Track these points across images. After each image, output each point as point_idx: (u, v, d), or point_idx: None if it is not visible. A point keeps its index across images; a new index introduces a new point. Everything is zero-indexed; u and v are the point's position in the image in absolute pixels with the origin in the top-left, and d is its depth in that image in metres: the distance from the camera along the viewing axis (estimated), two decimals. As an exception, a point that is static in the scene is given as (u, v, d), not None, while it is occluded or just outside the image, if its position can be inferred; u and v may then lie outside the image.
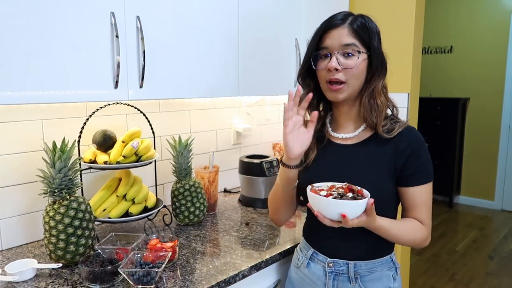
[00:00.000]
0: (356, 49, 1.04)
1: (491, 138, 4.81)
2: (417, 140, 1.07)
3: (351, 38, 1.03)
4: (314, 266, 1.15)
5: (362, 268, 1.10)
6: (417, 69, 2.11)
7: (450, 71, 5.05)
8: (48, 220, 1.18)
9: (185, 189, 1.54)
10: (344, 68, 1.04)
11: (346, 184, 0.98)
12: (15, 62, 1.03)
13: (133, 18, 1.25)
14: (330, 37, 1.05)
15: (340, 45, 1.03)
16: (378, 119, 1.07)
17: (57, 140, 1.20)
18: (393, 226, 1.03)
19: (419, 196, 1.06)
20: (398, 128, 1.06)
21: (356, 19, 1.05)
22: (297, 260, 1.23)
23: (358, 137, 1.12)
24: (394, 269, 1.15)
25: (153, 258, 1.15)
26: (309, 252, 1.18)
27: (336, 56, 1.04)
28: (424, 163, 1.06)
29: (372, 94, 1.07)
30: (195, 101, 1.90)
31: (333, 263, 1.11)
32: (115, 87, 1.23)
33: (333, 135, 1.16)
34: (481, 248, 3.74)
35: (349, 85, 1.06)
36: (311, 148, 1.15)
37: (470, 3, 4.80)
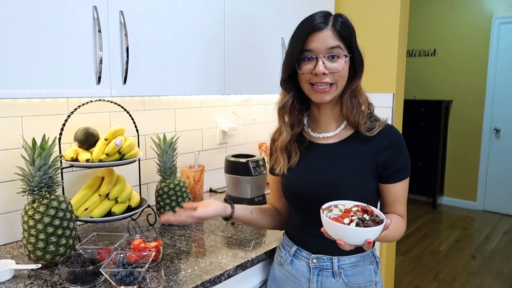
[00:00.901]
0: (341, 51, 1.03)
1: (473, 140, 4.90)
2: (397, 138, 1.09)
3: (336, 41, 1.03)
4: (297, 263, 1.15)
5: (345, 262, 1.10)
6: (402, 70, 2.13)
7: (434, 74, 5.13)
8: (27, 219, 1.14)
9: (170, 188, 1.51)
10: (331, 72, 1.03)
11: (359, 205, 0.95)
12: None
13: (117, 13, 1.23)
14: (315, 40, 1.03)
15: (326, 48, 1.03)
16: (360, 117, 1.08)
17: (37, 138, 1.17)
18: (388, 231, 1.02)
19: (400, 191, 1.09)
20: (378, 126, 1.08)
21: (337, 19, 1.05)
22: (279, 258, 1.22)
23: (338, 136, 1.12)
24: (375, 263, 1.16)
25: (136, 258, 1.12)
26: (292, 249, 1.17)
27: (322, 60, 1.03)
28: (405, 160, 1.09)
29: (353, 93, 1.08)
30: (181, 99, 1.87)
31: (317, 259, 1.11)
32: (97, 83, 1.20)
33: (313, 135, 1.16)
34: (464, 248, 3.79)
35: (337, 87, 1.06)
36: (293, 150, 1.15)
37: (453, 8, 4.88)
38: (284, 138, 1.15)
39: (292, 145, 1.15)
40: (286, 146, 1.15)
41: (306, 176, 1.11)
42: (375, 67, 2.10)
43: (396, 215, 1.10)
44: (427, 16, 5.08)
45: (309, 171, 1.12)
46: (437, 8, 5.01)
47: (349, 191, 1.03)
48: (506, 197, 4.69)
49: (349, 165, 1.08)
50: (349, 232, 0.87)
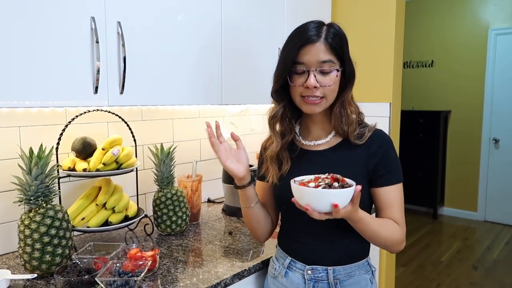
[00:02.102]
0: (333, 66, 1.04)
1: (473, 150, 4.90)
2: (387, 142, 1.10)
3: (328, 55, 1.03)
4: (292, 275, 1.13)
5: (341, 273, 1.09)
6: (398, 79, 2.14)
7: (432, 85, 5.16)
8: (23, 228, 1.14)
9: (167, 198, 1.51)
10: (323, 86, 1.04)
11: (331, 174, 0.96)
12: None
13: (114, 24, 1.25)
14: (307, 53, 1.03)
15: (318, 62, 1.03)
16: (349, 128, 1.08)
17: (35, 148, 1.17)
18: (374, 221, 1.02)
19: (392, 195, 1.07)
20: (368, 132, 1.08)
21: (329, 31, 1.04)
22: (273, 271, 1.20)
23: (329, 143, 1.13)
24: (371, 272, 1.15)
25: (133, 267, 1.12)
26: (286, 260, 1.16)
27: (314, 73, 1.03)
28: (395, 163, 1.09)
29: (343, 105, 1.09)
30: (179, 109, 1.88)
31: (312, 270, 1.10)
32: (94, 92, 1.21)
33: (305, 143, 1.16)
34: (465, 259, 3.76)
35: (328, 100, 1.07)
36: (284, 159, 1.15)
37: (450, 19, 4.94)
38: (274, 148, 1.15)
39: (283, 153, 1.15)
40: (277, 155, 1.16)
41: None
42: (371, 77, 2.12)
43: (389, 219, 1.07)
44: (424, 28, 5.13)
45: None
46: (434, 20, 5.06)
47: None
48: (507, 207, 4.67)
49: (341, 171, 1.06)
50: (315, 195, 0.87)
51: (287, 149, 1.16)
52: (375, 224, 1.03)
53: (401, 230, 1.08)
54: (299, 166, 1.14)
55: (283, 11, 1.88)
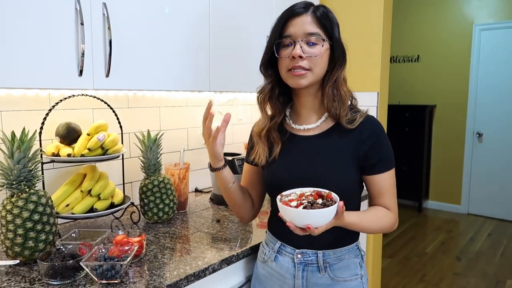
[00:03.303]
0: (320, 37, 1.03)
1: (457, 144, 4.97)
2: (378, 128, 1.09)
3: (315, 27, 1.03)
4: (282, 259, 1.13)
5: (330, 256, 1.09)
6: (386, 69, 2.16)
7: (418, 79, 5.22)
8: (4, 214, 1.11)
9: (154, 185, 1.49)
10: (308, 56, 1.03)
11: (315, 191, 0.97)
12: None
13: (100, 5, 1.22)
14: (294, 25, 1.04)
15: (304, 33, 1.03)
16: (341, 110, 1.07)
17: (17, 132, 1.14)
18: (363, 220, 1.04)
19: (385, 183, 1.08)
20: (359, 118, 1.07)
21: (318, 8, 1.05)
22: (263, 255, 1.20)
23: (319, 128, 1.12)
24: (360, 256, 1.15)
25: (119, 252, 1.10)
26: (276, 245, 1.15)
27: (300, 44, 1.03)
28: (387, 151, 1.08)
29: (335, 85, 1.07)
30: (165, 97, 1.86)
31: (301, 254, 1.10)
32: (79, 75, 1.18)
33: (294, 127, 1.15)
34: (449, 250, 3.82)
35: (313, 73, 1.05)
36: (275, 141, 1.14)
37: (436, 15, 4.99)
38: (261, 124, 1.15)
39: (273, 134, 1.14)
40: (266, 134, 1.15)
41: (288, 169, 1.10)
42: (359, 66, 2.12)
43: (380, 206, 1.09)
44: (410, 23, 5.18)
45: (291, 164, 1.11)
46: (420, 15, 5.11)
47: (331, 183, 1.02)
48: (490, 200, 4.76)
49: (331, 157, 1.07)
50: (293, 214, 0.89)
51: (277, 131, 1.15)
52: (366, 222, 1.04)
53: (393, 215, 1.09)
54: (289, 150, 1.13)
55: (271, 3, 1.87)
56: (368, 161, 1.06)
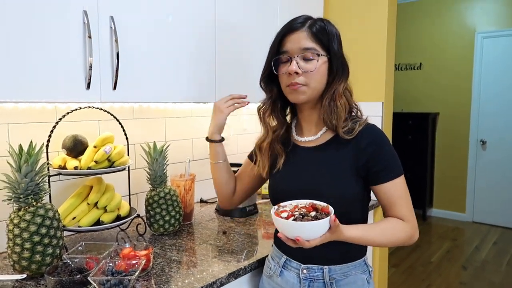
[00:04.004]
0: (316, 52, 1.03)
1: (460, 152, 4.96)
2: (378, 136, 1.06)
3: (311, 42, 1.03)
4: (287, 274, 1.12)
5: (337, 272, 1.07)
6: (391, 79, 2.15)
7: (420, 87, 5.22)
8: (12, 228, 1.10)
9: (160, 197, 1.49)
10: (305, 72, 1.03)
11: (310, 202, 0.97)
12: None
13: (107, 19, 1.22)
14: (290, 41, 1.05)
15: (300, 49, 1.03)
16: (338, 121, 1.06)
17: (24, 145, 1.14)
18: (368, 233, 1.01)
19: (393, 191, 1.03)
20: (358, 127, 1.05)
21: (315, 22, 1.05)
22: (269, 270, 1.19)
23: (319, 140, 1.12)
24: (368, 272, 1.13)
25: (126, 266, 1.09)
26: (281, 259, 1.14)
27: (296, 60, 1.03)
28: (390, 158, 1.05)
29: (332, 97, 1.06)
30: (171, 108, 1.86)
31: (307, 269, 1.08)
32: (87, 88, 1.19)
33: (297, 139, 1.16)
34: (455, 259, 3.79)
35: (310, 88, 1.05)
36: (278, 153, 1.15)
37: (438, 22, 5.01)
38: (262, 136, 1.18)
39: (277, 146, 1.15)
40: (268, 147, 1.16)
41: (289, 180, 1.10)
42: (364, 76, 2.12)
43: (392, 218, 1.05)
44: (413, 31, 5.20)
45: (292, 175, 1.11)
46: (422, 23, 5.13)
47: (331, 194, 1.01)
48: (494, 208, 4.73)
49: (330, 169, 1.06)
50: (282, 225, 0.90)
51: (281, 143, 1.16)
52: (372, 235, 1.01)
53: (409, 225, 1.04)
54: (292, 162, 1.14)
55: (276, 13, 1.88)
56: (371, 170, 1.04)
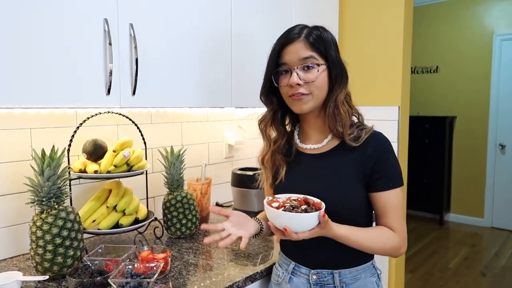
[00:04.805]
0: (315, 61, 1.04)
1: (479, 156, 4.87)
2: (383, 144, 1.06)
3: (309, 51, 1.04)
4: (297, 280, 1.12)
5: (347, 276, 1.08)
6: (407, 83, 2.14)
7: (437, 90, 5.15)
8: (35, 230, 1.13)
9: (177, 201, 1.51)
10: (306, 82, 1.04)
11: (303, 197, 0.99)
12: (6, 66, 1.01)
13: (127, 26, 1.25)
14: (288, 53, 1.05)
15: (299, 60, 1.04)
16: (344, 129, 1.06)
17: (46, 150, 1.17)
18: (356, 234, 1.01)
19: (389, 201, 1.04)
20: (365, 134, 1.06)
21: (312, 31, 1.06)
22: (277, 277, 1.19)
23: (325, 147, 1.12)
24: (377, 275, 1.13)
25: (144, 269, 1.11)
26: (290, 266, 1.14)
27: (296, 71, 1.04)
28: (392, 168, 1.05)
29: (335, 104, 1.07)
30: (187, 113, 1.88)
31: (317, 274, 1.08)
32: (107, 94, 1.21)
33: (302, 147, 1.16)
34: (473, 265, 3.72)
35: (313, 97, 1.06)
36: (280, 164, 1.15)
37: (455, 25, 4.94)
38: (263, 150, 1.19)
39: (278, 157, 1.16)
40: (270, 158, 1.17)
41: (295, 189, 1.09)
42: (380, 80, 2.12)
43: (383, 227, 1.05)
44: (429, 33, 5.14)
45: (297, 183, 1.11)
46: (439, 26, 5.07)
47: (338, 201, 1.02)
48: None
49: (337, 175, 1.06)
50: (272, 214, 0.93)
51: (282, 153, 1.16)
52: (360, 237, 1.01)
53: (398, 237, 1.04)
54: (295, 170, 1.14)
55: (292, 19, 1.89)
56: (372, 177, 1.04)
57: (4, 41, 1.00)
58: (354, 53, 2.20)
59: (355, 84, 1.13)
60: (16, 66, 1.03)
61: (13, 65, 1.02)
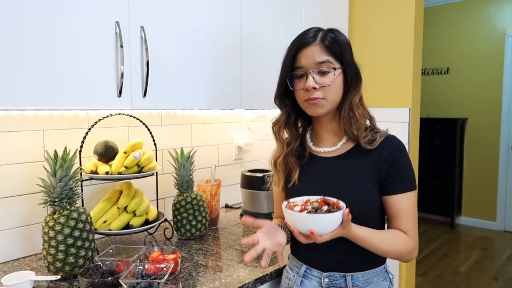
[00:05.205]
0: (331, 65, 1.03)
1: (491, 158, 4.81)
2: (398, 148, 1.06)
3: (325, 55, 1.03)
4: (308, 284, 1.11)
5: (359, 279, 1.07)
6: (418, 84, 2.12)
7: (447, 92, 5.10)
8: (47, 230, 1.15)
9: (187, 202, 1.51)
10: (322, 86, 1.04)
11: (322, 198, 0.98)
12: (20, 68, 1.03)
13: (138, 28, 1.26)
14: (304, 56, 1.05)
15: (315, 63, 1.03)
16: (359, 132, 1.06)
17: (58, 151, 1.19)
18: (373, 236, 1.01)
19: (402, 204, 1.03)
20: (379, 138, 1.06)
21: (327, 34, 1.05)
22: (288, 281, 1.18)
23: (339, 150, 1.11)
24: (389, 279, 1.12)
25: (155, 270, 1.12)
26: (301, 269, 1.14)
27: (312, 75, 1.03)
28: (406, 171, 1.05)
29: (350, 107, 1.07)
30: (197, 115, 1.89)
31: (329, 277, 1.08)
32: (118, 96, 1.23)
33: (315, 150, 1.15)
34: (485, 269, 3.67)
35: (328, 101, 1.05)
36: (292, 167, 1.15)
37: (466, 26, 4.90)
38: (276, 153, 1.18)
39: (290, 160, 1.15)
40: (284, 162, 1.16)
41: (309, 191, 1.08)
42: (390, 82, 2.10)
43: (396, 230, 1.05)
44: (439, 35, 5.10)
45: (311, 186, 1.11)
46: (449, 27, 5.02)
47: (353, 204, 1.00)
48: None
49: (351, 179, 1.06)
50: (296, 218, 0.90)
51: (295, 156, 1.15)
52: (376, 239, 1.01)
53: (410, 240, 1.04)
54: (308, 173, 1.13)
55: (301, 21, 1.89)
56: (386, 181, 1.04)
57: (17, 44, 1.02)
58: (364, 55, 2.19)
59: (365, 85, 1.12)
60: (28, 68, 1.04)
61: (26, 67, 1.04)
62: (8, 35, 1.00)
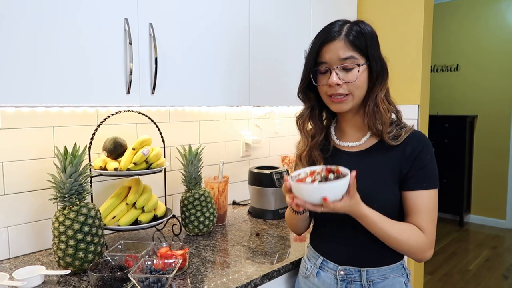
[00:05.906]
0: (356, 62, 1.02)
1: (500, 156, 4.75)
2: (423, 144, 1.03)
3: (349, 51, 1.01)
4: (324, 275, 1.12)
5: (374, 275, 1.06)
6: (427, 81, 2.11)
7: (457, 89, 5.05)
8: (57, 225, 1.16)
9: (195, 198, 1.52)
10: (345, 82, 1.02)
11: (325, 167, 0.98)
12: (32, 67, 1.04)
13: (146, 25, 1.27)
14: (328, 51, 1.03)
15: (339, 59, 1.01)
16: (383, 127, 1.04)
17: (68, 147, 1.20)
18: (383, 221, 0.99)
19: (421, 201, 1.01)
20: (405, 133, 1.04)
21: (352, 28, 1.03)
22: (305, 270, 1.19)
23: (364, 145, 1.10)
24: (406, 275, 1.11)
25: (163, 265, 1.13)
26: (318, 260, 1.14)
27: (336, 71, 1.02)
28: (427, 168, 1.02)
29: (375, 102, 1.05)
30: (205, 112, 1.90)
31: (344, 271, 1.08)
32: (127, 93, 1.23)
33: (340, 144, 1.14)
34: (495, 268, 3.64)
35: (354, 96, 1.04)
36: (317, 160, 1.14)
37: (476, 22, 4.84)
38: (301, 147, 1.17)
39: (315, 153, 1.14)
40: (308, 155, 1.15)
41: None
42: (399, 79, 2.09)
43: (412, 224, 1.02)
44: (449, 31, 5.05)
45: None
46: (459, 24, 4.97)
47: (375, 200, 1.01)
48: (538, 215, 4.51)
49: (374, 174, 1.05)
50: (309, 189, 0.91)
51: (319, 149, 1.15)
52: (385, 225, 0.99)
53: (425, 238, 1.01)
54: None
55: (309, 15, 1.88)
56: (407, 177, 1.03)
57: (26, 42, 1.03)
58: (373, 51, 2.17)
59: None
60: (38, 65, 1.06)
61: (36, 65, 1.05)
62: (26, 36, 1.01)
